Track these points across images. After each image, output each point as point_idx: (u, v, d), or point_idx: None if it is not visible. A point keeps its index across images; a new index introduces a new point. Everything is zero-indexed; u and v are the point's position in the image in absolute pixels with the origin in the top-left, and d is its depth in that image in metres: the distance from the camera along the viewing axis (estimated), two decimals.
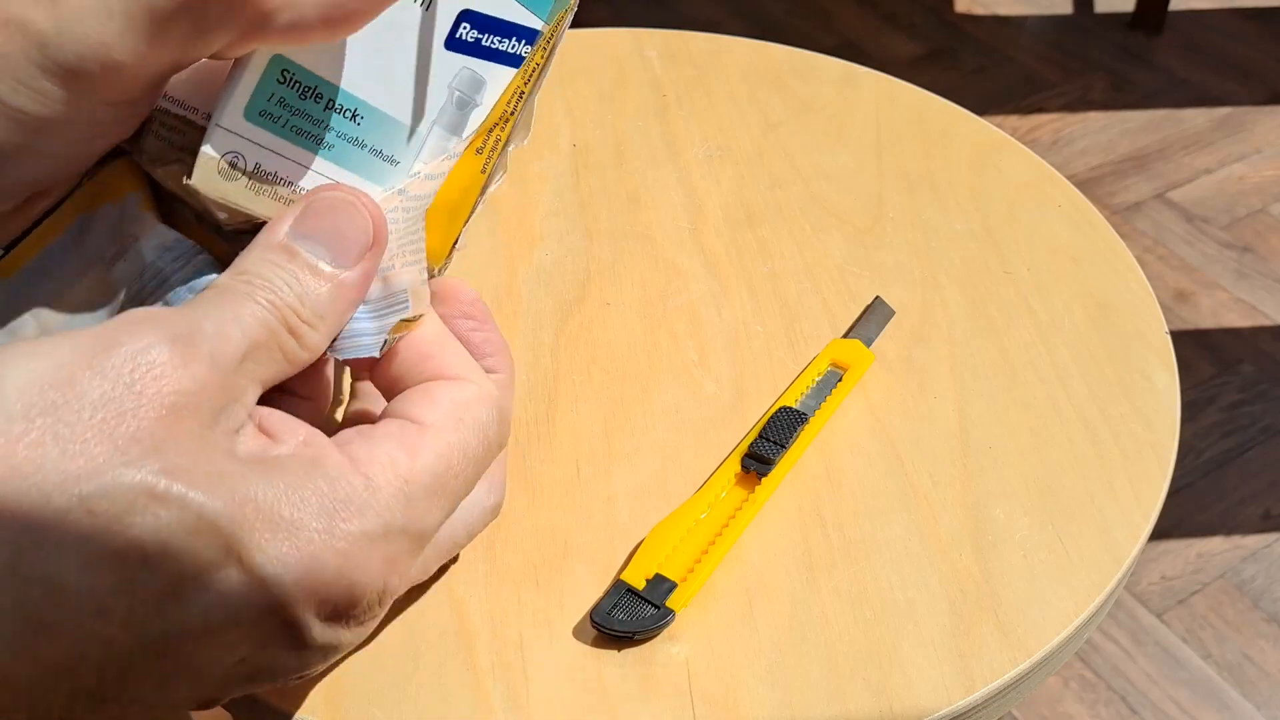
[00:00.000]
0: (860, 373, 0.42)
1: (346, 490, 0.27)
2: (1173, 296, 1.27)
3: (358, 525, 0.27)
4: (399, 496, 0.28)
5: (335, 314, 0.30)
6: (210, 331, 0.27)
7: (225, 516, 0.25)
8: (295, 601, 0.26)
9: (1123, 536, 0.38)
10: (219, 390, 0.26)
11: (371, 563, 0.27)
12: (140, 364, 0.25)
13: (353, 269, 0.30)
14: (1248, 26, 1.69)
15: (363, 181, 0.32)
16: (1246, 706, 0.94)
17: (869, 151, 0.53)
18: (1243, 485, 1.10)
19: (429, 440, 0.29)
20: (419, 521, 0.28)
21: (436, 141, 0.33)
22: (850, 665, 0.34)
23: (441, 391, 0.30)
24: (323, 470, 0.27)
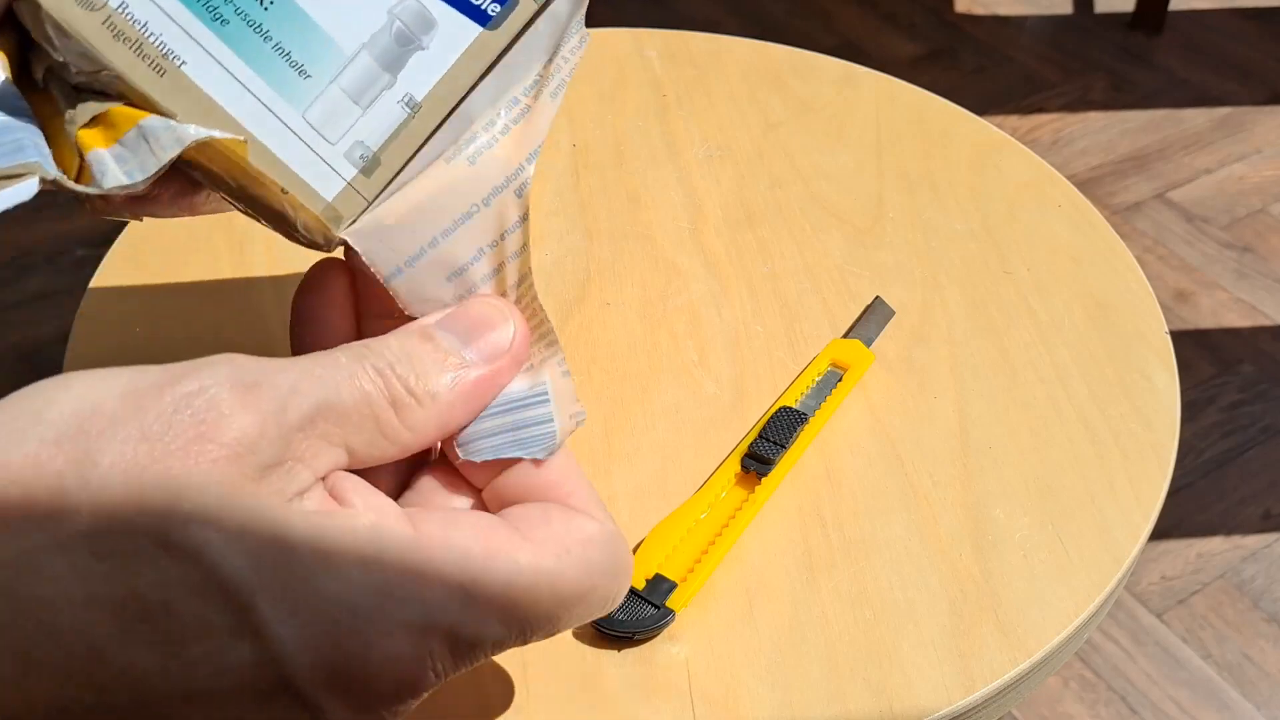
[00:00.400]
0: (860, 373, 0.42)
1: (398, 570, 0.24)
2: (1173, 296, 1.27)
3: (398, 613, 0.24)
4: (458, 593, 0.25)
5: (450, 401, 0.27)
6: (284, 384, 0.25)
7: (240, 576, 0.23)
8: (309, 684, 0.24)
9: (1123, 536, 0.38)
10: (273, 445, 0.24)
11: (404, 659, 0.24)
12: (187, 407, 0.24)
13: (483, 366, 0.28)
14: (1248, 26, 1.69)
15: (259, 79, 0.28)
16: (1246, 706, 0.94)
17: (869, 151, 0.53)
18: (1243, 485, 1.10)
19: (519, 551, 0.26)
20: (472, 627, 0.25)
21: (363, 73, 0.29)
22: (850, 665, 0.34)
23: (558, 516, 0.27)
24: (377, 541, 0.25)
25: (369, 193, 0.29)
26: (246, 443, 0.24)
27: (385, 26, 0.29)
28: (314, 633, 0.24)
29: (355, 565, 0.24)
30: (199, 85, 0.28)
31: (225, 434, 0.24)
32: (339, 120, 0.29)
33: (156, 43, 0.28)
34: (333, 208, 0.29)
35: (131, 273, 0.46)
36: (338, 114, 0.29)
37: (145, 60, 0.28)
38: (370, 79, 0.29)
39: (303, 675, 0.24)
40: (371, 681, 0.24)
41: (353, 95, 0.29)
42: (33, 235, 1.28)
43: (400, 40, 0.29)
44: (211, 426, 0.24)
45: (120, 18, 0.27)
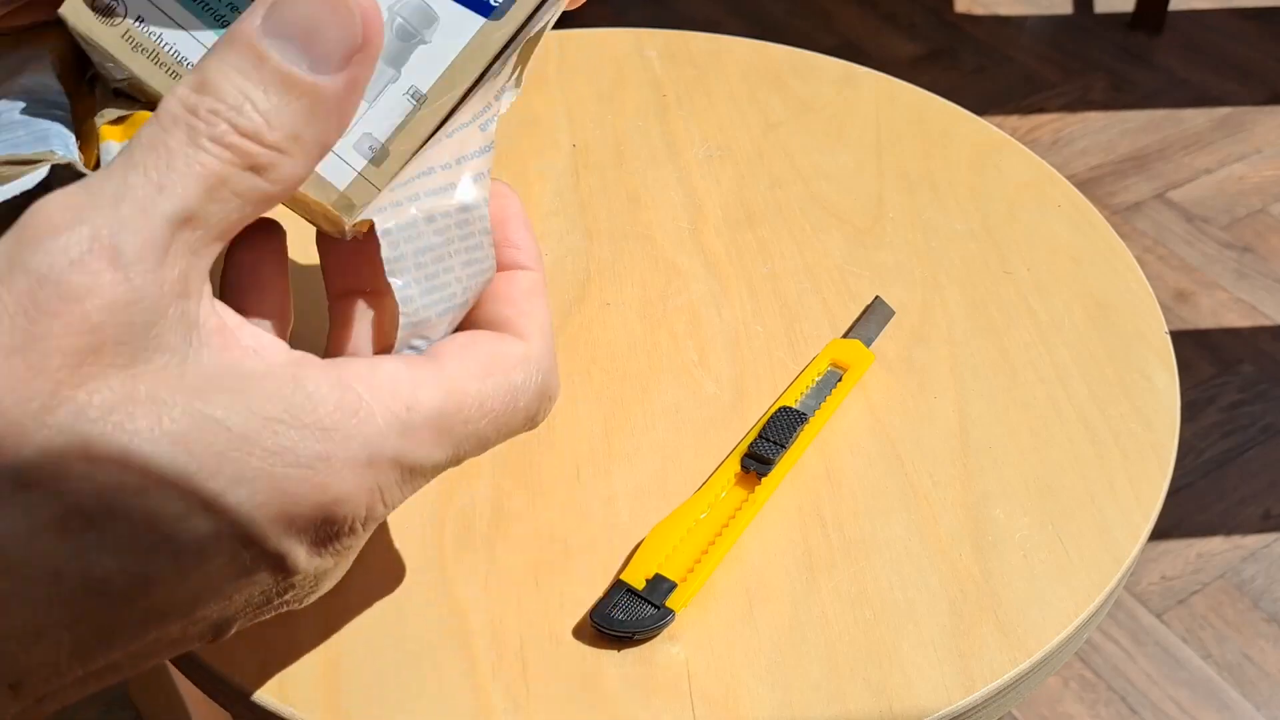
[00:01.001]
0: (860, 373, 0.42)
1: (330, 413, 0.24)
2: (1173, 296, 1.27)
3: (341, 452, 0.24)
4: (393, 423, 0.25)
5: (314, 134, 0.25)
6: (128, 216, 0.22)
7: (178, 465, 0.22)
8: (273, 535, 0.24)
9: (1123, 536, 0.38)
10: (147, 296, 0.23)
11: (355, 492, 0.25)
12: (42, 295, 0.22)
13: (335, 75, 0.24)
14: (1248, 26, 1.69)
15: None
16: (1246, 706, 0.94)
17: (869, 151, 0.53)
18: (1243, 485, 1.10)
19: (445, 378, 0.26)
20: (413, 454, 0.26)
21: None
22: (850, 665, 0.34)
23: (485, 340, 0.28)
24: (303, 389, 0.24)
25: (380, 182, 0.30)
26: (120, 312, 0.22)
27: (386, 23, 0.29)
28: (264, 489, 0.23)
29: (286, 416, 0.24)
30: None
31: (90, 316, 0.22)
32: None
33: (170, 51, 0.29)
34: (345, 196, 0.29)
35: None
36: None
37: (162, 67, 0.29)
38: (375, 74, 0.29)
39: (264, 529, 0.24)
40: (329, 520, 0.25)
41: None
42: None
43: (402, 36, 0.30)
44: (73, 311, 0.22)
45: (138, 30, 0.29)
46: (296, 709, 0.33)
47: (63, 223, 0.22)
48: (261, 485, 0.24)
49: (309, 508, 0.24)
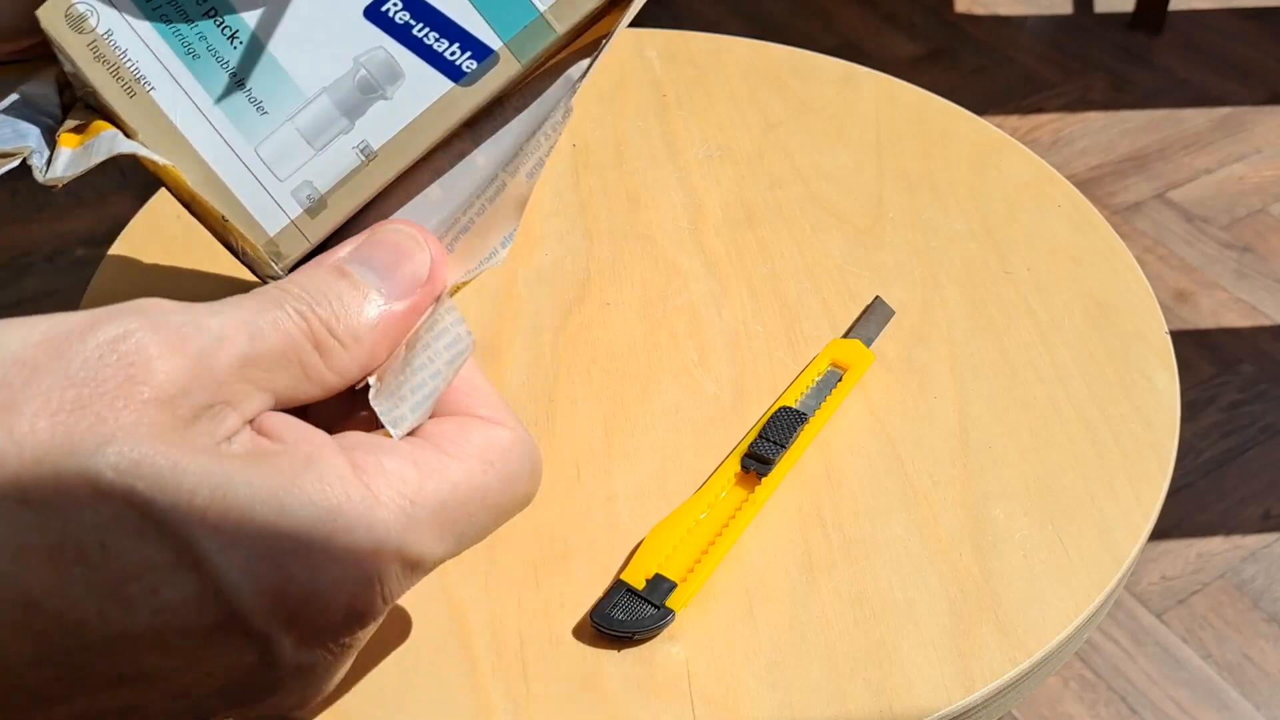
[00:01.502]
0: (860, 373, 0.42)
1: (339, 498, 0.24)
2: (1173, 296, 1.27)
3: (344, 539, 0.24)
4: (400, 515, 0.25)
5: (373, 341, 0.27)
6: (210, 328, 0.25)
7: (175, 516, 0.23)
8: (257, 614, 0.23)
9: (1123, 536, 0.38)
10: (203, 389, 0.24)
11: (352, 583, 0.24)
12: (111, 352, 0.23)
13: (402, 301, 0.28)
14: (1248, 26, 1.69)
15: (219, 112, 0.29)
16: (1246, 706, 0.94)
17: (869, 151, 0.53)
18: (1243, 485, 1.10)
19: (449, 470, 0.27)
20: (416, 546, 0.26)
21: (319, 116, 0.29)
22: (850, 665, 0.34)
23: (475, 428, 0.28)
24: (316, 470, 0.24)
25: (312, 234, 0.30)
26: (176, 387, 0.24)
27: (349, 73, 0.29)
28: (257, 560, 0.23)
29: (296, 496, 0.24)
30: (162, 109, 0.29)
31: (153, 378, 0.23)
32: (291, 158, 0.30)
33: (131, 68, 0.29)
34: (274, 243, 0.30)
35: (131, 272, 0.46)
36: (290, 152, 0.29)
37: (119, 82, 0.29)
38: (327, 122, 0.29)
39: (248, 604, 0.23)
40: (321, 608, 0.24)
41: (307, 136, 0.29)
42: (32, 235, 1.28)
43: (363, 88, 0.29)
44: (140, 370, 0.23)
45: (104, 42, 0.29)
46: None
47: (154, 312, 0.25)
48: (256, 557, 0.23)
49: (300, 590, 0.24)
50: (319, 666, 0.26)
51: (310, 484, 0.24)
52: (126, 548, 0.22)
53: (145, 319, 0.24)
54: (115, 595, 0.22)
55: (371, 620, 0.26)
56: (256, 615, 0.23)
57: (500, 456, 0.28)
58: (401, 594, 0.26)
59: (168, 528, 0.23)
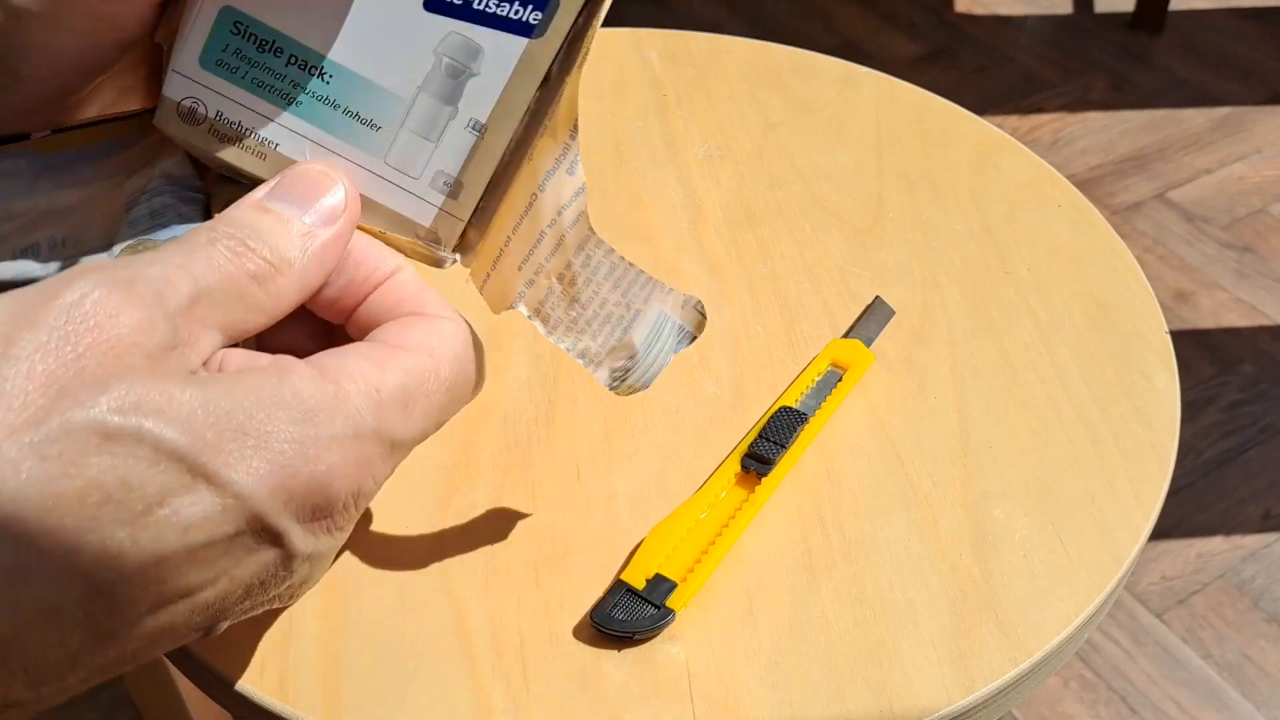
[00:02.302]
0: (860, 373, 0.42)
1: (314, 397, 0.27)
2: (1173, 296, 1.27)
3: (327, 430, 0.27)
4: (369, 402, 0.28)
5: (304, 267, 0.30)
6: (155, 276, 0.27)
7: (184, 442, 0.25)
8: (273, 511, 0.26)
9: (1123, 536, 0.38)
10: (164, 332, 0.26)
11: (344, 465, 0.28)
12: (76, 313, 0.25)
13: (326, 228, 0.30)
14: (1248, 26, 1.69)
15: (341, 142, 0.32)
16: (1246, 706, 0.94)
17: (869, 151, 0.53)
18: (1243, 485, 1.10)
19: (401, 359, 0.29)
20: (388, 425, 0.29)
21: (425, 112, 0.31)
22: (850, 665, 0.34)
23: (417, 323, 0.31)
24: (289, 381, 0.27)
25: (460, 213, 0.32)
26: (142, 333, 0.26)
27: (435, 66, 0.31)
28: (262, 464, 0.26)
29: (278, 404, 0.27)
30: (294, 159, 0.32)
31: (120, 328, 0.25)
32: (417, 158, 0.32)
33: (252, 136, 0.32)
34: (433, 232, 0.32)
35: None
36: (414, 153, 0.32)
37: (247, 151, 0.32)
38: (434, 115, 0.32)
39: (264, 504, 0.26)
40: (324, 494, 0.27)
41: (422, 133, 0.32)
42: None
43: (451, 74, 0.31)
44: (106, 324, 0.25)
45: (219, 123, 0.32)
46: (296, 709, 0.33)
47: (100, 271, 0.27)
48: (259, 462, 0.26)
49: (304, 481, 0.27)
50: (321, 549, 0.29)
51: (287, 393, 0.27)
52: (146, 478, 0.25)
53: (95, 278, 0.26)
54: (145, 522, 0.25)
55: (365, 498, 0.29)
56: (272, 512, 0.26)
57: (442, 342, 0.30)
58: (388, 474, 0.29)
59: (178, 453, 0.25)
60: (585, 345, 0.34)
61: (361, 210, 0.32)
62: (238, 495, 0.26)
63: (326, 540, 0.28)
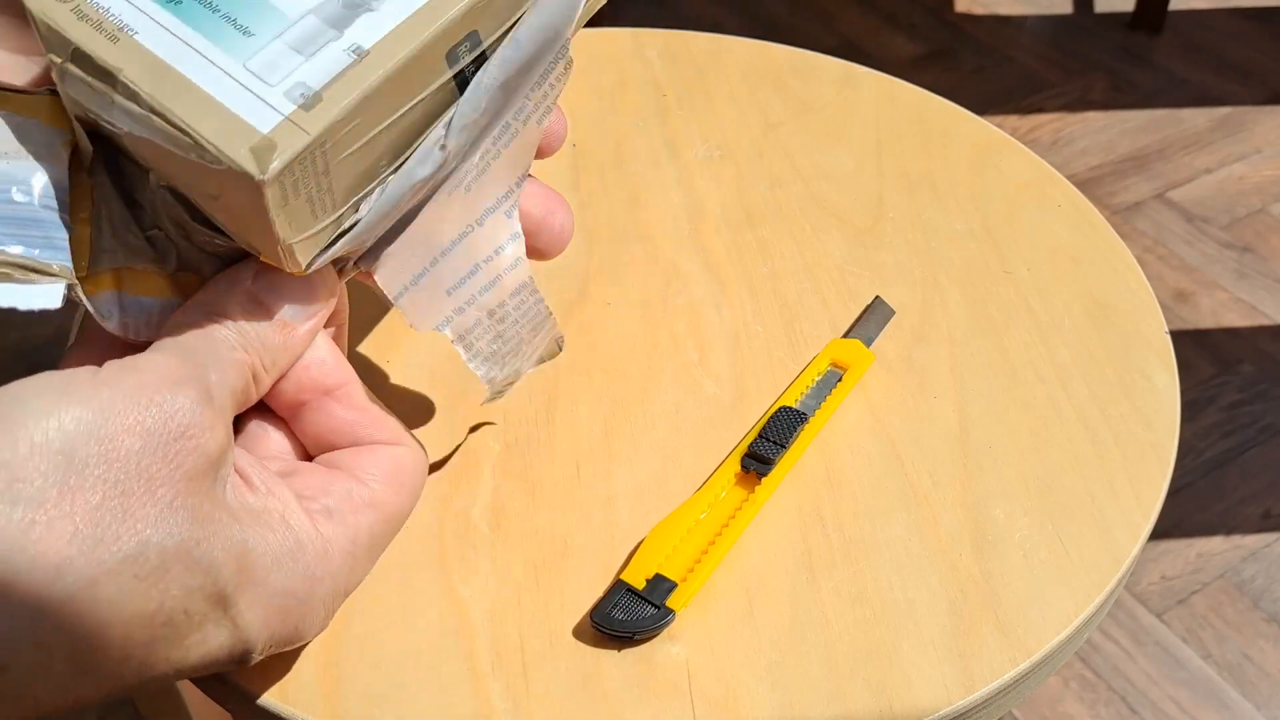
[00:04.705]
0: (860, 373, 0.42)
1: (313, 559, 0.30)
2: (1173, 296, 1.27)
3: (319, 592, 0.30)
4: (347, 562, 0.31)
5: (285, 362, 0.32)
6: (216, 384, 0.29)
7: (229, 582, 0.27)
8: (258, 650, 0.29)
9: (1123, 536, 0.38)
10: (225, 445, 0.29)
11: (319, 616, 0.31)
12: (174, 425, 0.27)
13: (304, 324, 0.32)
14: (1248, 26, 1.69)
15: (204, 39, 0.29)
16: (1246, 706, 0.94)
17: (869, 151, 0.53)
18: (1243, 485, 1.10)
19: (372, 499, 0.32)
20: (356, 579, 0.32)
21: (307, 30, 0.30)
22: (850, 665, 0.34)
23: (381, 453, 0.33)
24: (294, 533, 0.29)
25: (310, 126, 0.29)
26: (219, 455, 0.28)
27: None
28: (270, 616, 0.29)
29: (287, 560, 0.29)
30: (147, 48, 0.29)
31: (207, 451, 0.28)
32: (280, 66, 0.29)
33: (114, 20, 0.30)
34: (268, 139, 0.29)
35: None
36: (280, 62, 0.29)
37: (102, 33, 0.29)
38: (315, 34, 0.30)
39: (259, 646, 0.29)
40: (297, 639, 0.31)
41: (296, 47, 0.30)
42: None
43: (348, 5, 0.30)
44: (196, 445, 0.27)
45: (86, 4, 0.30)
46: (296, 709, 0.33)
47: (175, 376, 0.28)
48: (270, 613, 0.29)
49: (290, 631, 0.30)
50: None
51: (293, 550, 0.29)
52: (198, 609, 0.27)
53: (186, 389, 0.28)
54: (180, 645, 0.27)
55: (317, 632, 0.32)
56: (258, 650, 0.29)
57: (408, 477, 0.33)
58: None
59: (222, 593, 0.27)
60: (494, 375, 0.35)
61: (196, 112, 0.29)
62: (245, 639, 0.29)
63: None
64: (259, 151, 0.28)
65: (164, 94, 0.29)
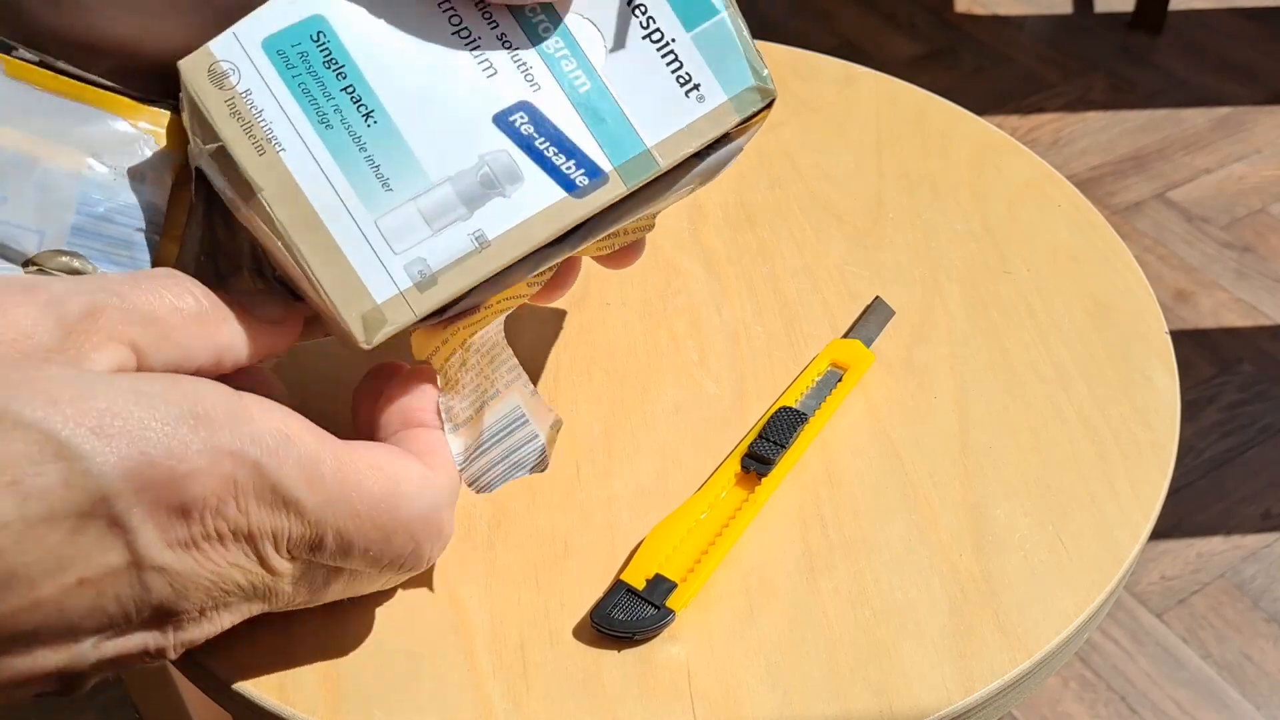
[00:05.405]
0: (860, 373, 0.42)
1: (214, 407, 0.26)
2: (1173, 296, 1.27)
3: (209, 439, 0.26)
4: (273, 436, 0.27)
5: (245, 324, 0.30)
6: (59, 287, 0.27)
7: (39, 415, 0.24)
8: (120, 495, 0.25)
9: (1123, 536, 0.38)
10: (52, 332, 0.26)
11: (209, 473, 0.26)
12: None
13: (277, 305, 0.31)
14: (1248, 26, 1.69)
15: (346, 181, 0.31)
16: (1246, 706, 0.94)
17: (869, 151, 0.53)
18: (1243, 485, 1.10)
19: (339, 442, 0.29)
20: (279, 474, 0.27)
21: (441, 201, 0.31)
22: (850, 665, 0.34)
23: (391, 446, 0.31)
24: (196, 384, 0.26)
25: (418, 307, 0.31)
26: (24, 329, 0.26)
27: (474, 167, 0.31)
28: (119, 447, 0.25)
29: (162, 398, 0.26)
30: (289, 170, 0.30)
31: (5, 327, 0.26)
32: (408, 234, 0.31)
33: (265, 127, 0.30)
34: (380, 310, 0.31)
35: None
36: (409, 228, 0.31)
37: (251, 139, 0.30)
38: (447, 207, 0.31)
39: (113, 485, 0.24)
40: (179, 494, 0.25)
41: (427, 217, 0.31)
42: None
43: (485, 183, 0.31)
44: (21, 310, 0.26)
45: (241, 100, 0.30)
46: (296, 709, 0.33)
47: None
48: (121, 443, 0.25)
49: (162, 474, 0.25)
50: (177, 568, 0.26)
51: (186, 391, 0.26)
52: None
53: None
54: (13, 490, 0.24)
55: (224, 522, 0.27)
56: (120, 496, 0.25)
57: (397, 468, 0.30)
58: (258, 523, 0.27)
59: (27, 423, 0.24)
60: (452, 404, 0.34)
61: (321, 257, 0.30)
62: (85, 472, 0.24)
63: (186, 561, 0.26)
64: (369, 321, 0.31)
65: (295, 227, 0.30)
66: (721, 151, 0.33)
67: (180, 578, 0.26)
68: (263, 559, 0.28)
